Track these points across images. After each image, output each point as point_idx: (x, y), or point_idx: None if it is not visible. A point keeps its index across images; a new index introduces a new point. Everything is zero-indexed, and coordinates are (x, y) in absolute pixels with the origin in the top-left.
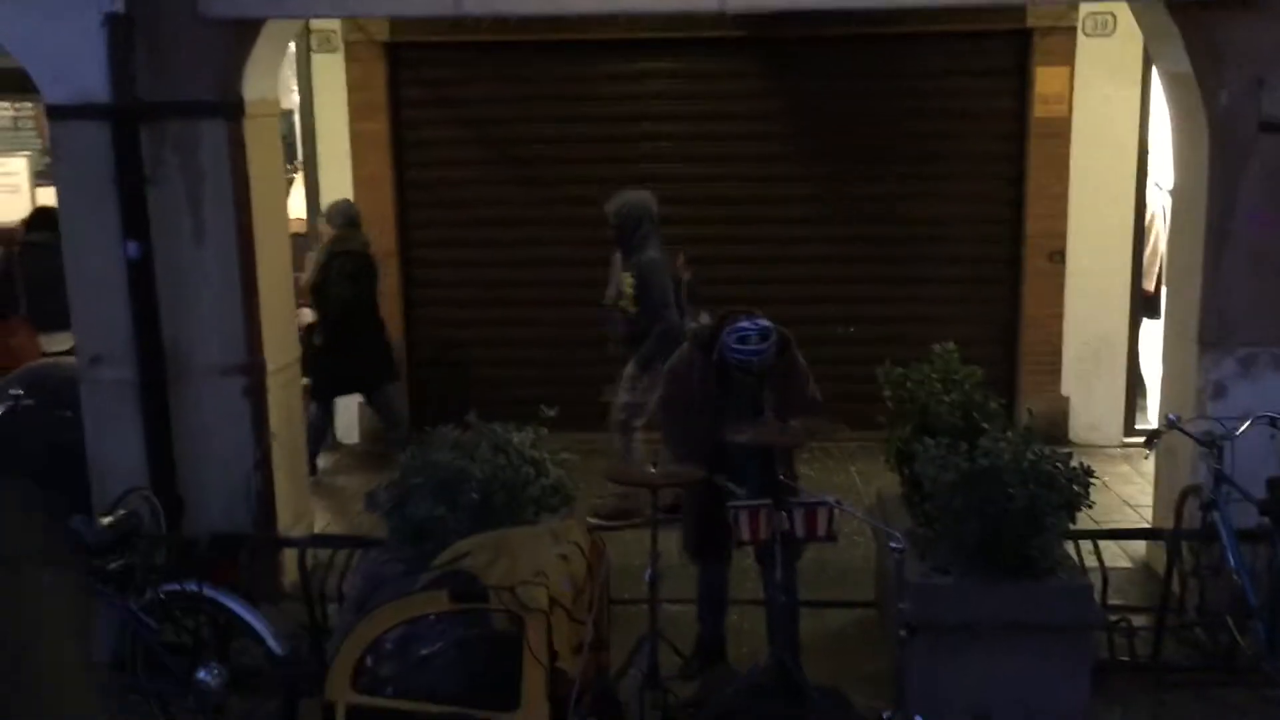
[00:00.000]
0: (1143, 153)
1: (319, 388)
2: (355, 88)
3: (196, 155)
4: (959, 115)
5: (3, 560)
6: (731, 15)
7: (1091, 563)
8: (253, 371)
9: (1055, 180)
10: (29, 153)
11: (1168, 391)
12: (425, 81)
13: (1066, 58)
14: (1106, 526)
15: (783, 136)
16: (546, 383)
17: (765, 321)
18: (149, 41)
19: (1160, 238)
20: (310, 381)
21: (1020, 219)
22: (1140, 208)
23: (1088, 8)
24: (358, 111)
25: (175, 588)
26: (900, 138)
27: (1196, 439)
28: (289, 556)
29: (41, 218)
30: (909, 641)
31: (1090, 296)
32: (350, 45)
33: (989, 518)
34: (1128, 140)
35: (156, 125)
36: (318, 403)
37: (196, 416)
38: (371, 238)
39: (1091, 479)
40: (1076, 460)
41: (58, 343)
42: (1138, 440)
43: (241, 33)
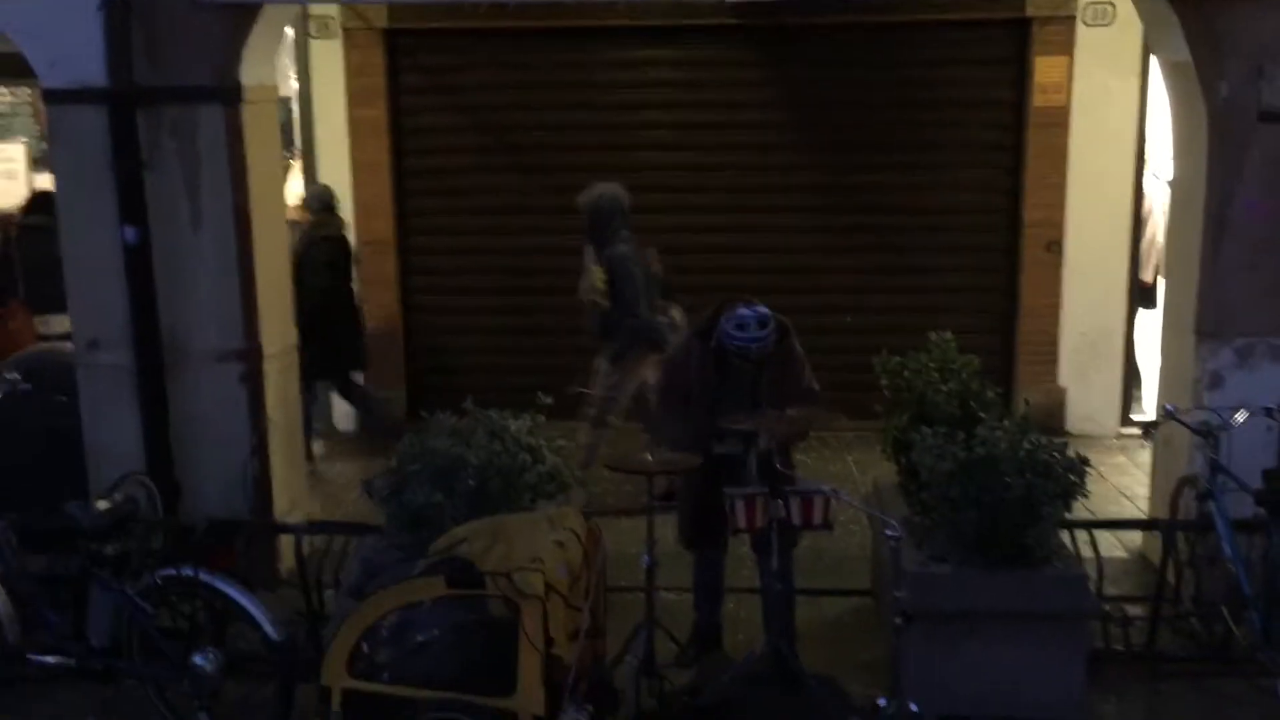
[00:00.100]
0: (1141, 143)
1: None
2: (354, 74)
3: (194, 141)
4: (957, 104)
5: None
6: (730, 3)
7: (1087, 552)
8: (249, 357)
9: (1053, 170)
10: (26, 139)
11: (1164, 382)
12: (424, 68)
13: (1065, 47)
14: (1102, 517)
15: (781, 125)
16: (543, 370)
17: (764, 309)
18: (146, 26)
19: (1158, 228)
20: None
21: (1018, 209)
22: (1138, 198)
23: None
24: (356, 98)
25: (171, 573)
26: (899, 127)
27: (1193, 429)
28: (285, 542)
29: (40, 201)
30: (905, 630)
31: (1088, 287)
32: (349, 31)
33: (985, 507)
34: (1126, 130)
35: (154, 110)
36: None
37: (193, 402)
38: (367, 226)
39: (1087, 469)
40: (1073, 450)
41: (55, 325)
42: (1134, 430)
43: (239, 17)
